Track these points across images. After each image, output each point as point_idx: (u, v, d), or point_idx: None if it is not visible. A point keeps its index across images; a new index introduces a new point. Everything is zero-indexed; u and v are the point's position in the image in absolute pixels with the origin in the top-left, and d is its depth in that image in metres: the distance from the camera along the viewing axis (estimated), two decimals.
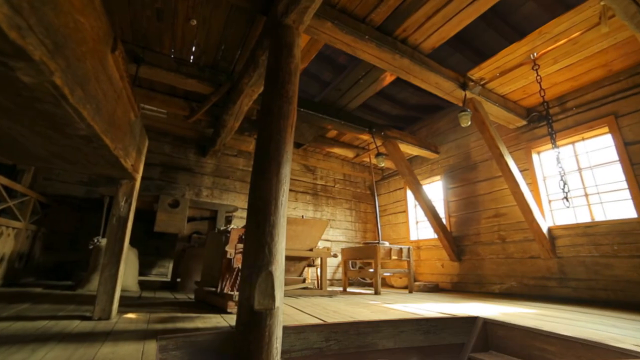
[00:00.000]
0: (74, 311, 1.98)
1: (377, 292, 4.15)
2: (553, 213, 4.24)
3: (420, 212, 6.16)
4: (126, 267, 3.62)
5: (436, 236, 5.38)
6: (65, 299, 2.56)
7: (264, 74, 2.69)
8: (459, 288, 5.07)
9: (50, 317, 1.76)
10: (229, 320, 2.03)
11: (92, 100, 0.84)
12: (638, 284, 3.21)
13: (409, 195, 6.44)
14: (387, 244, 4.50)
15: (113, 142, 1.21)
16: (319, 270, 3.96)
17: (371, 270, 4.33)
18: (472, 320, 2.30)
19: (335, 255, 4.00)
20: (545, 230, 3.99)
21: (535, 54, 3.49)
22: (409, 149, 5.53)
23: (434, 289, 5.03)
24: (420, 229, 6.22)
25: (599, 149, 3.91)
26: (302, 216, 5.18)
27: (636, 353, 1.37)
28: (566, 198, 3.32)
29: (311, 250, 3.78)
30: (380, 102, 5.61)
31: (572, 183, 4.08)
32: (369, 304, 3.04)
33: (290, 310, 2.51)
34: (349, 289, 5.15)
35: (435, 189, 6.02)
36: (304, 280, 3.89)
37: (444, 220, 5.47)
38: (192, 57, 3.76)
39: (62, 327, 1.55)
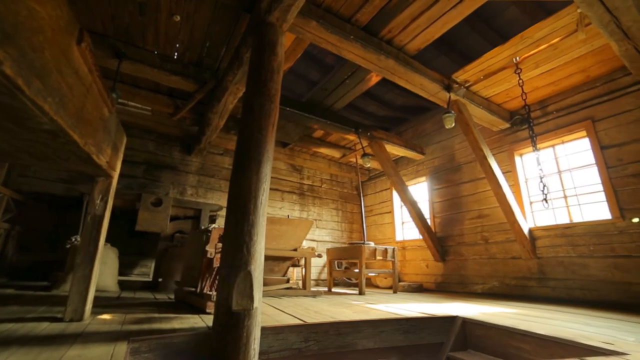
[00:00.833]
0: (45, 313, 1.92)
1: (361, 293, 4.16)
2: (534, 214, 4.33)
3: (406, 213, 6.21)
4: (105, 267, 3.53)
5: (421, 237, 5.44)
6: (38, 300, 2.47)
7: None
8: (443, 288, 5.13)
9: (17, 319, 1.69)
10: (207, 320, 2.00)
11: (54, 93, 0.81)
12: (611, 283, 3.31)
13: (395, 196, 6.49)
14: (372, 244, 4.52)
15: (82, 138, 1.17)
16: (304, 270, 3.95)
17: (356, 270, 4.34)
18: (451, 320, 2.32)
19: (319, 256, 3.99)
20: (526, 231, 4.07)
21: (517, 58, 3.56)
22: (394, 150, 5.57)
23: (418, 289, 5.08)
24: (406, 230, 6.27)
25: (577, 152, 4.01)
26: (288, 216, 5.16)
27: (603, 350, 1.41)
28: (545, 200, 3.39)
29: (295, 250, 3.77)
30: (367, 103, 5.64)
31: (553, 185, 4.18)
32: (351, 304, 3.05)
33: (271, 311, 2.49)
34: (334, 289, 5.15)
35: (421, 190, 6.08)
36: (287, 280, 3.87)
37: (428, 221, 5.53)
38: (176, 54, 3.69)
39: (29, 329, 1.50)
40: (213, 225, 2.64)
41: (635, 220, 3.21)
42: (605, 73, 3.69)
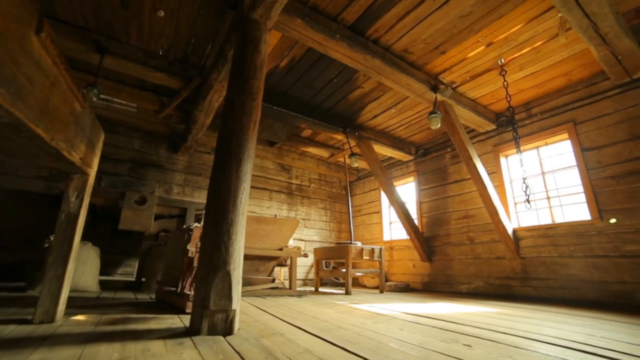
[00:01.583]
0: (14, 315, 1.85)
1: (347, 292, 4.16)
2: (518, 215, 4.40)
3: (394, 213, 6.24)
4: (86, 267, 3.45)
5: (408, 237, 5.47)
6: (10, 301, 2.40)
7: None
8: (429, 288, 5.17)
9: None
10: (186, 321, 1.97)
11: (8, 84, 0.78)
12: (589, 282, 3.38)
13: (384, 196, 6.52)
14: (359, 244, 4.52)
15: (48, 133, 1.13)
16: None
17: (343, 270, 4.34)
18: None
19: (305, 255, 3.97)
20: (510, 231, 4.13)
21: (502, 60, 3.61)
22: (383, 150, 5.59)
23: (405, 289, 5.10)
24: (394, 230, 6.30)
25: (560, 154, 4.09)
26: (276, 215, 5.12)
27: None
28: (528, 200, 3.44)
29: (281, 249, 3.74)
30: None
31: (536, 186, 4.25)
32: (335, 304, 3.04)
33: (254, 311, 2.47)
34: (321, 289, 5.14)
35: (409, 190, 6.12)
36: (273, 280, 3.85)
37: (416, 221, 5.57)
38: (161, 50, 3.63)
39: None
40: (195, 224, 2.60)
41: (613, 221, 3.28)
42: (586, 77, 3.77)
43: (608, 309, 2.95)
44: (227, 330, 1.66)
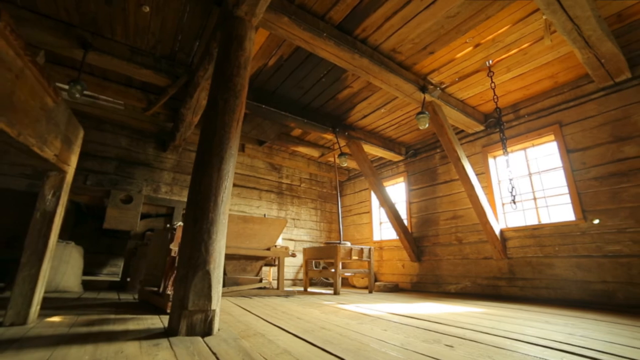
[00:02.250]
0: None
1: (336, 292, 4.15)
2: (506, 215, 4.44)
3: (384, 213, 6.25)
4: (68, 267, 3.38)
5: (398, 237, 5.48)
6: None
7: None
8: (418, 288, 5.19)
9: None
10: (167, 321, 1.93)
11: None
12: (573, 282, 3.42)
13: (374, 196, 6.53)
14: (348, 244, 4.51)
15: (14, 128, 1.09)
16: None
17: (332, 270, 4.33)
18: None
19: (293, 255, 3.95)
20: (497, 232, 4.16)
21: (490, 61, 3.63)
22: (373, 150, 5.59)
23: (394, 289, 5.11)
24: (384, 230, 6.31)
25: (546, 156, 4.14)
26: (265, 215, 5.09)
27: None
28: (513, 201, 3.47)
29: (268, 249, 3.71)
30: None
31: (523, 187, 4.30)
32: (322, 305, 3.02)
33: (237, 311, 2.43)
34: (311, 289, 5.12)
35: (399, 191, 6.13)
36: (260, 280, 3.82)
37: (405, 222, 5.58)
38: (147, 47, 3.57)
39: None
40: (179, 223, 2.56)
41: (596, 221, 3.33)
42: (571, 80, 3.82)
43: (590, 308, 2.99)
44: (206, 331, 1.63)
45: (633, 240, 3.09)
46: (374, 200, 6.53)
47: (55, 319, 1.84)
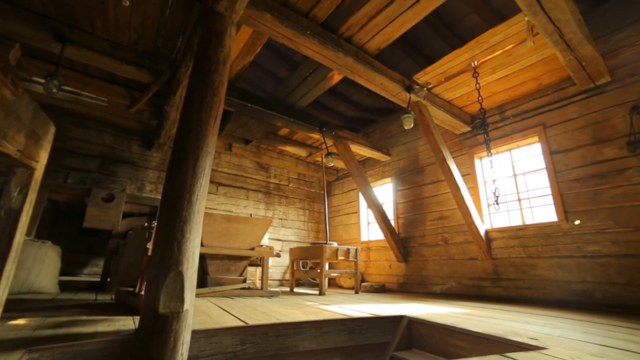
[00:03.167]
0: None
1: (321, 293, 4.12)
2: (491, 216, 4.46)
3: (372, 214, 6.25)
4: (43, 267, 3.28)
5: (385, 237, 5.48)
6: None
7: None
8: (404, 289, 5.19)
9: None
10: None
11: None
12: (555, 282, 3.46)
13: (362, 196, 6.52)
14: (335, 244, 4.49)
15: None
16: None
17: (319, 270, 4.30)
18: (397, 320, 2.32)
19: (278, 255, 3.91)
20: (482, 232, 4.18)
21: (475, 62, 3.64)
22: (360, 150, 5.58)
23: (380, 289, 5.11)
24: (371, 230, 6.31)
25: (531, 157, 4.18)
26: (251, 215, 5.03)
27: (527, 345, 1.43)
28: (496, 202, 3.49)
29: (253, 249, 3.67)
30: (337, 103, 5.62)
31: (508, 188, 4.33)
32: (305, 305, 2.99)
33: (215, 312, 2.39)
34: (297, 290, 5.08)
35: (387, 191, 6.13)
36: (244, 280, 3.77)
37: (392, 222, 5.58)
38: (129, 42, 3.49)
39: None
40: (156, 222, 2.50)
41: (577, 222, 3.37)
42: (555, 82, 3.86)
43: (570, 308, 3.01)
44: None
45: (611, 241, 3.14)
46: (362, 201, 6.53)
47: (20, 321, 1.77)
